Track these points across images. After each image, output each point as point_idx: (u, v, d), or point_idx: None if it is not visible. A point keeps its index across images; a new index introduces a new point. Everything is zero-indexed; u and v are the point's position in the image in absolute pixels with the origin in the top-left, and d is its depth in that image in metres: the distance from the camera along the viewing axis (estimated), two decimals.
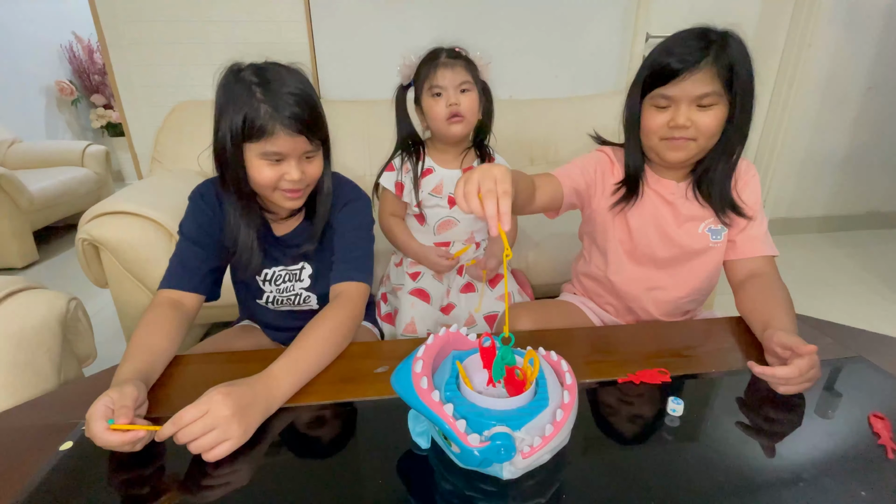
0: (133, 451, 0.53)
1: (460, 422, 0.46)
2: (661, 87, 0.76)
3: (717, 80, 0.74)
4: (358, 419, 0.61)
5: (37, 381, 0.75)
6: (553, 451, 0.48)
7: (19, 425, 0.60)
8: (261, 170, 0.72)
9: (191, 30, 1.83)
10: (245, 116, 0.69)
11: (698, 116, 0.76)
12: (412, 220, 1.23)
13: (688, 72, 0.73)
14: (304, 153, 0.74)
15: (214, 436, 0.52)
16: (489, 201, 0.51)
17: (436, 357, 0.55)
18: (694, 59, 0.73)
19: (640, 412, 0.61)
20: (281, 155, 0.72)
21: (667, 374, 0.66)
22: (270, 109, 0.69)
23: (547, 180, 0.86)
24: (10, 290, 0.80)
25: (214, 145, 0.74)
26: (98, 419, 0.52)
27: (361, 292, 0.80)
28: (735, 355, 0.74)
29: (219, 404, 0.53)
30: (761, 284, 0.83)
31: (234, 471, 0.52)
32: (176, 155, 1.69)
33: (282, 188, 0.75)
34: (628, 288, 0.94)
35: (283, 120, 0.69)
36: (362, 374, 0.69)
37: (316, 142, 0.75)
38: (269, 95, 0.69)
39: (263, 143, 0.70)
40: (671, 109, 0.77)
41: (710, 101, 0.75)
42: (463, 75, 1.06)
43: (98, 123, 3.84)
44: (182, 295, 0.78)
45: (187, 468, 0.52)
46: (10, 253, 2.30)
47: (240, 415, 0.54)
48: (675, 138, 0.78)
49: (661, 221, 0.88)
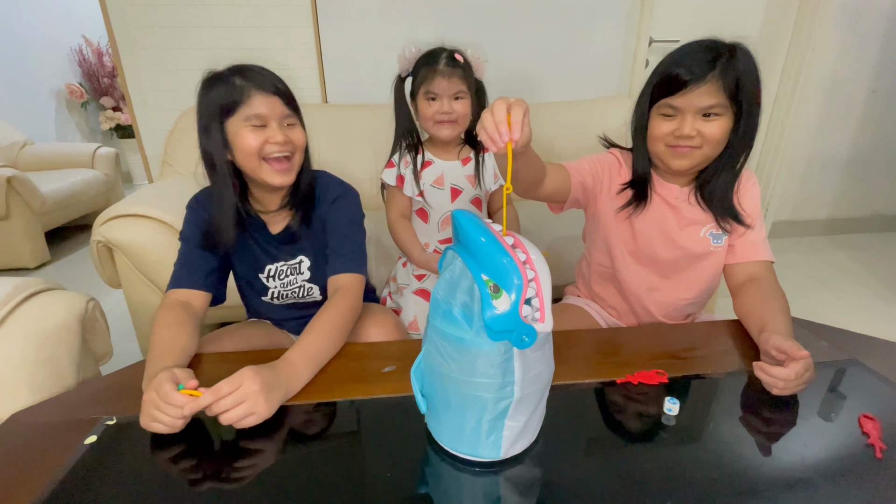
0: (170, 434, 0.58)
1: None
2: (669, 97, 0.79)
3: (723, 92, 0.76)
4: (368, 417, 0.64)
5: (58, 379, 0.78)
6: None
7: (44, 420, 0.63)
8: (246, 137, 0.76)
9: (200, 36, 1.87)
10: (223, 96, 0.76)
11: (704, 126, 0.78)
12: (416, 219, 1.26)
13: (694, 84, 0.75)
14: (284, 118, 0.79)
15: (244, 408, 0.57)
16: (499, 106, 0.54)
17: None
18: (701, 72, 0.75)
19: (638, 412, 0.64)
20: (262, 118, 0.76)
21: (664, 376, 0.69)
22: (243, 80, 0.76)
23: (557, 169, 0.87)
24: (32, 290, 0.84)
25: (200, 143, 0.80)
26: (167, 382, 0.58)
27: (358, 283, 0.85)
28: (732, 358, 0.76)
29: (250, 380, 0.59)
30: (759, 288, 0.85)
31: (252, 464, 0.55)
32: (186, 159, 1.72)
33: (269, 155, 0.78)
34: (632, 287, 0.96)
35: (257, 82, 0.76)
36: (370, 373, 0.71)
37: (292, 109, 0.80)
38: (241, 74, 0.77)
39: (243, 110, 0.76)
40: (677, 119, 0.79)
41: (715, 112, 0.77)
42: (458, 85, 1.08)
43: (107, 125, 3.89)
44: (190, 294, 0.81)
45: (209, 462, 0.55)
46: (22, 254, 2.34)
47: (266, 392, 0.60)
48: (681, 146, 0.81)
49: (665, 224, 0.90)
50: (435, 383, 0.53)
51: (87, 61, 3.84)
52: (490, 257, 0.46)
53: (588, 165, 0.93)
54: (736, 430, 0.60)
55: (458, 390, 0.50)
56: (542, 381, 0.52)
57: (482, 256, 0.47)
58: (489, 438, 0.51)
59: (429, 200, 1.21)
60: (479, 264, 0.47)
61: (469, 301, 0.48)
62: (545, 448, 0.56)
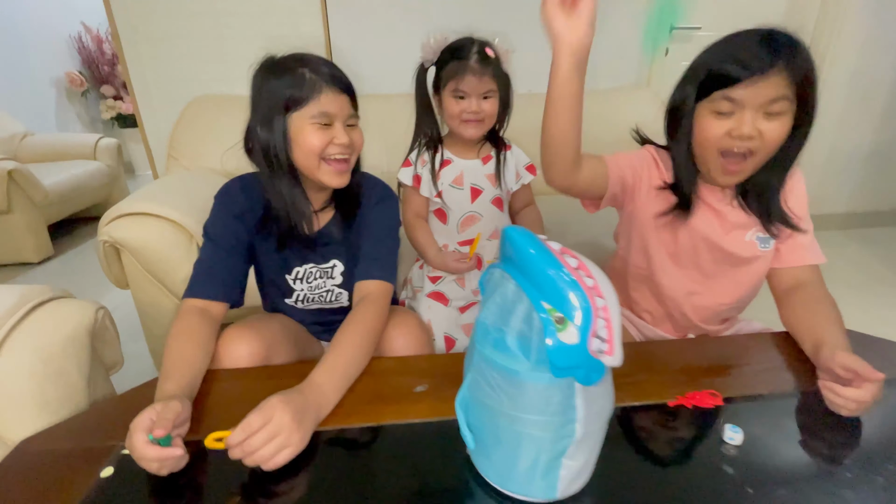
0: (164, 475, 0.52)
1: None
2: (726, 88, 0.69)
3: (790, 85, 0.68)
4: (402, 445, 0.59)
5: (68, 395, 0.74)
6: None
7: (55, 448, 0.59)
8: (310, 136, 0.73)
9: (205, 23, 1.80)
10: (289, 88, 0.72)
11: (765, 126, 0.70)
12: (434, 220, 1.21)
13: (759, 74, 0.66)
14: (348, 119, 0.77)
15: (278, 443, 0.52)
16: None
17: None
18: (764, 62, 0.66)
19: (696, 440, 0.59)
20: (329, 117, 0.74)
21: (719, 397, 0.64)
22: (313, 75, 0.73)
23: (594, 159, 0.81)
24: (38, 300, 0.79)
25: (250, 133, 0.76)
26: (139, 431, 0.52)
27: (386, 292, 0.81)
28: (786, 374, 0.71)
29: (281, 411, 0.54)
30: (808, 296, 0.80)
31: (281, 501, 0.51)
32: (193, 152, 1.66)
33: (330, 156, 0.75)
34: (670, 291, 0.90)
35: (327, 79, 0.73)
36: (401, 392, 0.67)
37: (355, 109, 0.78)
38: (309, 66, 0.73)
39: (311, 107, 0.73)
40: (735, 117, 0.71)
41: (779, 107, 0.68)
42: (489, 84, 1.02)
43: (108, 115, 3.82)
44: (209, 304, 0.76)
45: (236, 496, 0.51)
46: (26, 248, 2.29)
47: (298, 421, 0.55)
48: (733, 159, 0.73)
49: (709, 228, 0.84)
50: (483, 417, 0.48)
51: (87, 49, 3.76)
52: (553, 284, 0.41)
53: (627, 161, 0.86)
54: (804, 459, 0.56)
55: (510, 427, 0.46)
56: (605, 415, 0.47)
57: (543, 282, 0.41)
58: (545, 479, 0.47)
59: (447, 201, 1.15)
60: (538, 290, 0.42)
61: (527, 331, 0.43)
62: (602, 486, 0.51)
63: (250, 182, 0.81)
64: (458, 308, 1.14)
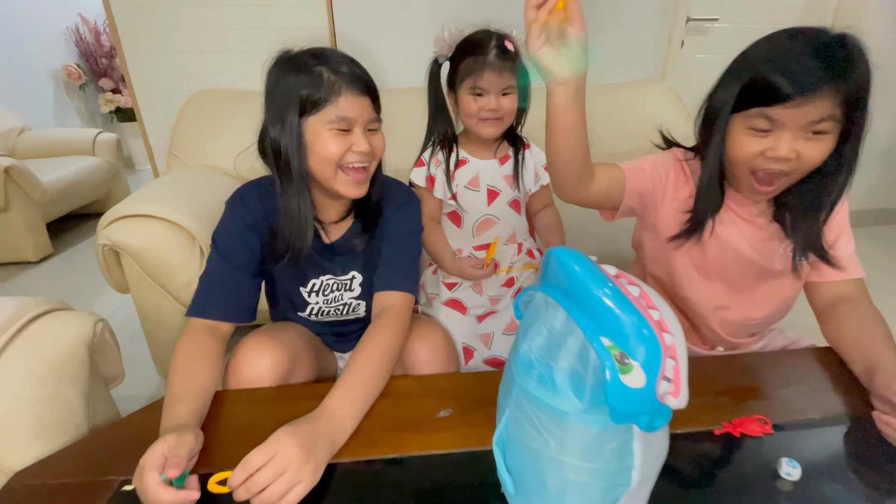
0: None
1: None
2: (766, 106, 0.62)
3: (839, 105, 0.60)
4: (427, 481, 0.54)
5: (66, 417, 0.69)
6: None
7: (51, 482, 0.54)
8: (327, 143, 0.67)
9: (205, 15, 1.73)
10: (305, 87, 0.66)
11: (805, 147, 0.62)
12: (448, 223, 1.15)
13: (804, 96, 0.59)
14: (369, 123, 0.70)
15: (287, 479, 0.47)
16: None
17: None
18: (813, 81, 0.58)
19: (748, 475, 0.54)
20: (348, 121, 0.67)
21: (768, 424, 0.59)
22: (332, 75, 0.66)
23: (609, 169, 0.75)
24: (34, 313, 0.74)
25: (264, 133, 0.70)
26: (151, 470, 0.47)
27: (407, 304, 0.76)
28: (834, 396, 0.66)
29: (287, 444, 0.49)
30: (854, 313, 0.75)
31: None
32: (195, 149, 1.60)
33: (348, 164, 0.69)
34: (696, 305, 0.85)
35: (347, 80, 0.67)
36: (423, 417, 0.62)
37: (377, 112, 0.72)
38: (328, 64, 0.67)
39: (329, 111, 0.66)
40: (772, 136, 0.63)
41: (823, 127, 0.61)
42: (508, 80, 0.96)
43: (107, 108, 3.75)
44: (217, 322, 0.71)
45: None
46: (25, 247, 2.24)
47: (307, 454, 0.50)
48: (765, 179, 0.67)
49: (738, 240, 0.79)
50: (525, 459, 0.44)
51: (85, 41, 3.68)
52: (614, 318, 0.36)
53: (649, 169, 0.79)
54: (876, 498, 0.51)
55: (557, 473, 0.41)
56: (661, 459, 0.42)
57: (601, 314, 0.36)
58: None
59: (462, 203, 1.10)
60: (595, 323, 0.37)
61: (581, 369, 0.38)
62: None
63: (266, 188, 0.75)
64: (476, 317, 1.09)
